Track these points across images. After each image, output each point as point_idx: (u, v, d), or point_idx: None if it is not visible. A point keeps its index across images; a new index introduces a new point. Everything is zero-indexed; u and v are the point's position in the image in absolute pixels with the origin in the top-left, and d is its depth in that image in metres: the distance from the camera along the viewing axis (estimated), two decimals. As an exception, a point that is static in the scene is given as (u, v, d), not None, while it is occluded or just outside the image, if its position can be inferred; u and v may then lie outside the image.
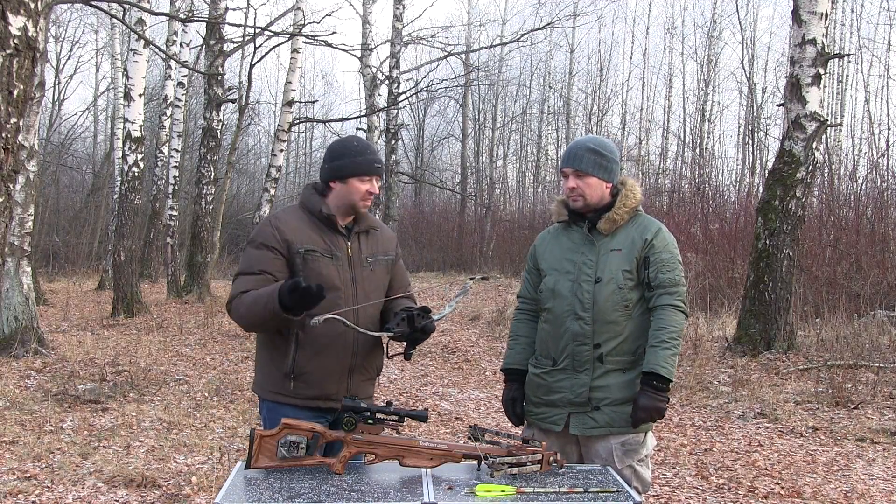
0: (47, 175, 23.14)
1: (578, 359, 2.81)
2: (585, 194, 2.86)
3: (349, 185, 2.74)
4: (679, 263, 2.87)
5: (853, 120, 22.11)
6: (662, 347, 2.72)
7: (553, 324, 2.87)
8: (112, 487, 4.55)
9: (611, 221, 2.85)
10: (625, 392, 2.78)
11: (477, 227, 24.82)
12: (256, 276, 2.65)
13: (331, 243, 2.73)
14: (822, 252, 12.20)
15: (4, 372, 7.54)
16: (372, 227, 2.85)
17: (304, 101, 27.18)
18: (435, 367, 8.90)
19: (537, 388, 2.91)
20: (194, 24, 17.80)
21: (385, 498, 2.24)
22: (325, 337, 2.67)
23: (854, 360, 7.94)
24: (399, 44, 21.20)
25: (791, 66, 8.85)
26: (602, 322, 2.79)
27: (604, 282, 2.80)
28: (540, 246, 3.03)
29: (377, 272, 2.82)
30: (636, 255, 2.82)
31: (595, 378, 2.79)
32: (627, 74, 31.73)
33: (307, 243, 2.69)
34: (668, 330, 2.74)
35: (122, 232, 12.59)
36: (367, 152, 2.76)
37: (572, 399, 2.81)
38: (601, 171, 2.86)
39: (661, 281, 2.80)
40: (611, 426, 2.78)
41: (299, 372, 2.68)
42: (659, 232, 2.85)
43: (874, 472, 5.08)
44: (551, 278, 2.91)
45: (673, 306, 2.78)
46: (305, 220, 2.74)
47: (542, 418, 2.89)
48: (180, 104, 18.43)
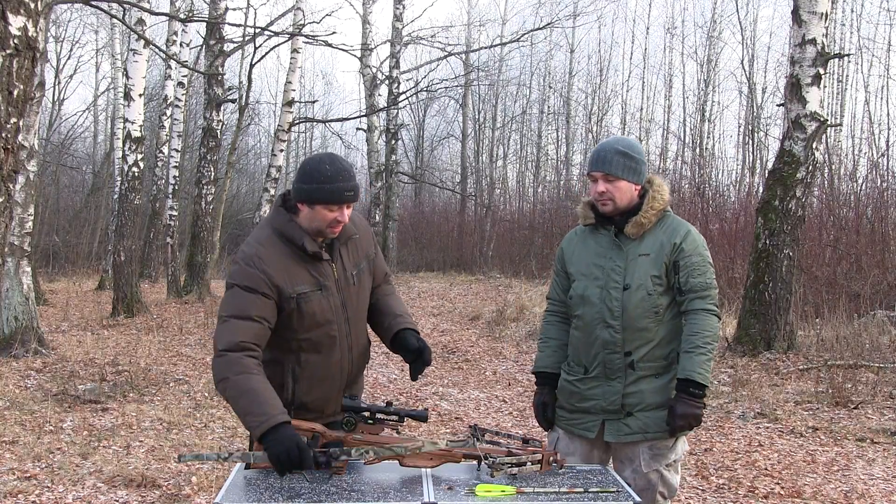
0: (47, 175, 23.15)
1: (610, 367, 2.77)
2: (615, 198, 2.79)
3: (315, 212, 2.54)
4: (710, 266, 2.80)
5: (853, 120, 22.11)
6: (698, 353, 2.67)
7: (584, 331, 2.83)
8: (112, 487, 4.55)
9: (638, 225, 2.78)
10: (658, 397, 2.75)
11: (477, 227, 24.82)
12: (255, 323, 2.48)
13: (318, 274, 2.60)
14: (822, 252, 12.20)
15: (4, 372, 7.54)
16: (350, 236, 2.70)
17: (304, 101, 27.19)
18: (435, 367, 8.90)
19: (570, 396, 2.87)
20: (194, 24, 17.81)
21: (385, 498, 2.24)
22: (323, 368, 2.64)
23: (854, 360, 7.93)
24: (399, 44, 21.22)
25: (791, 66, 8.85)
26: (632, 329, 2.74)
27: (633, 288, 2.74)
28: (567, 248, 2.97)
29: (362, 282, 2.74)
30: (665, 260, 2.76)
31: (627, 385, 2.76)
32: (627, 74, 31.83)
33: (298, 284, 2.55)
34: (703, 335, 2.69)
35: (122, 232, 12.59)
36: (339, 179, 2.51)
37: (605, 406, 2.78)
38: (631, 174, 2.79)
39: (693, 285, 2.74)
40: (645, 432, 2.74)
41: (299, 403, 2.65)
42: (688, 234, 2.79)
43: (874, 472, 5.07)
44: (580, 284, 2.85)
45: (706, 310, 2.72)
46: (289, 256, 2.56)
47: (575, 424, 2.86)
48: (180, 104, 18.44)
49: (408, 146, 30.29)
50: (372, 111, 21.92)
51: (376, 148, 22.91)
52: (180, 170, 19.63)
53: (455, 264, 22.98)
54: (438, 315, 13.36)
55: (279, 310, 2.54)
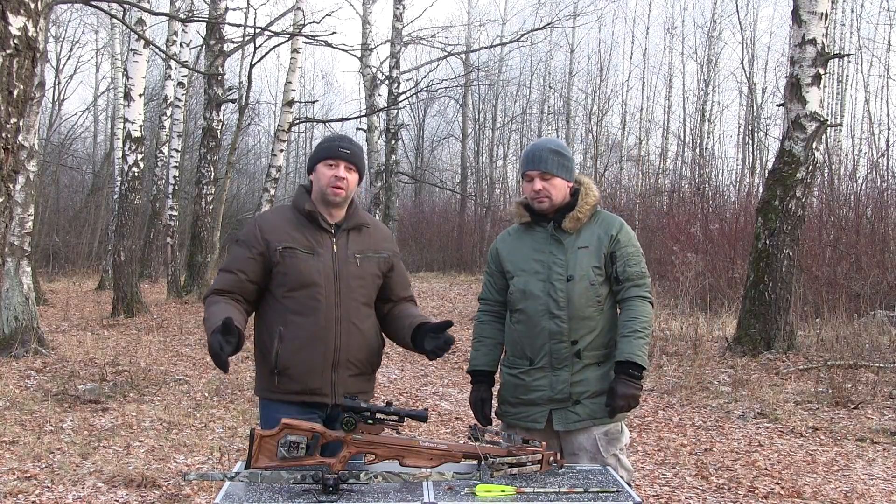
0: (47, 175, 23.14)
1: (557, 356, 2.85)
2: (552, 195, 2.91)
3: (318, 174, 2.82)
4: (642, 256, 2.96)
5: (853, 120, 22.13)
6: (636, 337, 2.79)
7: (527, 324, 2.90)
8: (112, 487, 4.55)
9: (575, 220, 2.91)
10: (602, 384, 2.85)
11: (477, 227, 24.83)
12: (233, 274, 2.77)
13: (313, 240, 2.78)
14: (822, 252, 12.20)
15: (4, 372, 7.54)
16: (363, 224, 2.88)
17: (304, 101, 27.21)
18: (435, 367, 8.90)
19: (515, 389, 2.94)
20: (194, 24, 17.81)
21: (385, 498, 2.24)
22: (307, 332, 2.73)
23: (854, 360, 7.94)
24: (399, 44, 21.20)
25: (791, 66, 8.85)
26: (577, 319, 2.85)
27: (576, 279, 2.86)
28: (503, 248, 3.05)
29: (364, 267, 2.84)
30: (604, 251, 2.89)
31: (574, 373, 2.85)
32: (627, 74, 31.84)
33: (286, 241, 2.76)
34: (640, 320, 2.82)
35: (122, 232, 12.59)
36: (336, 139, 2.85)
37: (553, 396, 2.86)
38: (564, 172, 2.93)
39: (630, 274, 2.88)
40: (592, 418, 2.84)
41: (283, 367, 2.74)
42: (622, 227, 2.94)
43: (874, 472, 5.07)
44: (520, 279, 2.93)
45: (642, 297, 2.87)
46: (291, 219, 2.82)
47: (521, 417, 2.92)
48: (180, 104, 18.44)
49: (408, 146, 30.30)
50: (372, 111, 21.92)
51: (376, 148, 22.91)
52: (180, 170, 19.63)
53: (455, 264, 22.99)
54: (438, 315, 13.37)
55: (270, 265, 2.77)
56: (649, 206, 20.21)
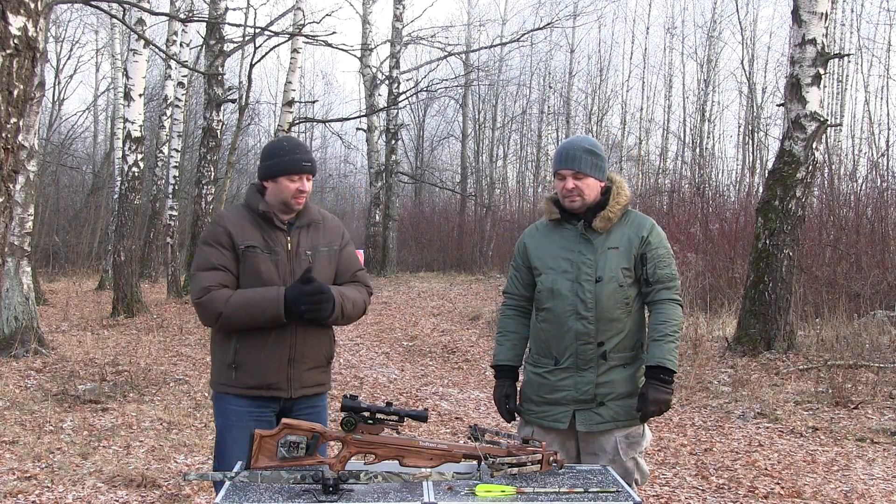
0: (47, 175, 23.14)
1: (583, 357, 2.83)
2: (584, 194, 2.88)
3: (279, 185, 2.86)
4: (673, 258, 2.93)
5: (853, 120, 22.11)
6: (667, 341, 2.77)
7: (554, 323, 2.88)
8: (112, 487, 4.55)
9: (606, 220, 2.87)
10: (627, 386, 2.83)
11: (477, 227, 24.81)
12: (218, 271, 2.81)
13: (270, 239, 2.86)
14: (822, 252, 12.19)
15: (4, 372, 7.54)
16: (314, 221, 2.96)
17: (304, 101, 27.20)
18: (435, 367, 8.90)
19: (539, 388, 2.91)
20: (194, 24, 17.81)
21: (385, 498, 2.24)
22: (264, 329, 2.78)
23: (854, 360, 7.93)
24: (399, 44, 21.22)
25: (791, 66, 8.85)
26: (605, 320, 2.82)
27: (605, 280, 2.82)
28: (531, 243, 3.01)
29: (319, 263, 2.90)
30: (634, 253, 2.85)
31: (600, 375, 2.82)
32: (627, 74, 31.77)
33: (248, 240, 2.84)
34: (671, 323, 2.79)
35: (122, 232, 12.59)
36: (296, 151, 2.87)
37: (577, 396, 2.83)
38: (597, 171, 2.90)
39: (660, 276, 2.85)
40: (616, 420, 2.81)
41: (241, 362, 2.81)
42: (654, 228, 2.91)
43: (874, 472, 5.07)
44: (548, 277, 2.91)
45: (672, 300, 2.84)
46: (248, 218, 2.89)
47: (544, 416, 2.90)
48: (180, 104, 18.44)
49: (408, 146, 30.27)
50: (372, 111, 21.92)
51: (376, 148, 22.91)
52: (180, 170, 19.63)
53: (455, 264, 22.97)
54: (438, 315, 13.36)
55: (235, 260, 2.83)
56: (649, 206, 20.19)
